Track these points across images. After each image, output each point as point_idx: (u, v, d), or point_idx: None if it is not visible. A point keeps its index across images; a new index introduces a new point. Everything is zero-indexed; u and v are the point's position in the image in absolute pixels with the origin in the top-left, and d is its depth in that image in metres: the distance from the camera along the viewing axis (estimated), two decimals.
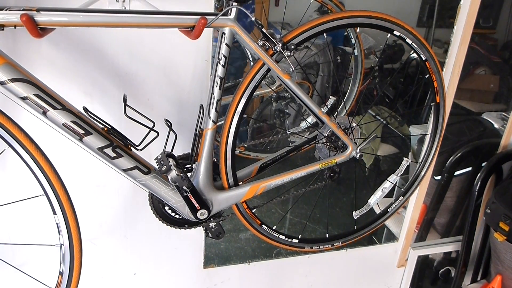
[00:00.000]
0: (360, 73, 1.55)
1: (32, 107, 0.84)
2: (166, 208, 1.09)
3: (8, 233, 1.25)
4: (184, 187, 1.01)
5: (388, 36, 1.14)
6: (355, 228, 1.40)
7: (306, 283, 1.75)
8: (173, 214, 1.11)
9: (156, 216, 1.10)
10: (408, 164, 1.32)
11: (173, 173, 0.98)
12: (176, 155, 1.03)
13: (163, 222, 1.11)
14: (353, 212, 1.33)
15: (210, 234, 1.13)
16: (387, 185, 1.31)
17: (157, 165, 1.00)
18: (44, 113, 0.85)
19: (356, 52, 1.51)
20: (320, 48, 1.91)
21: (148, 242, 1.40)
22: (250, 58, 1.45)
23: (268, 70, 1.02)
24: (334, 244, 1.37)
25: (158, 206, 1.09)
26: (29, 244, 1.24)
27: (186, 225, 1.12)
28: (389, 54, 2.27)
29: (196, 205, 1.05)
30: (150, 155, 1.00)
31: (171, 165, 0.98)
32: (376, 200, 1.32)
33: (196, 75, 1.21)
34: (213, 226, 1.12)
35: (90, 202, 1.26)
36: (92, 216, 1.28)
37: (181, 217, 1.10)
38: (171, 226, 1.11)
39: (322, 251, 1.39)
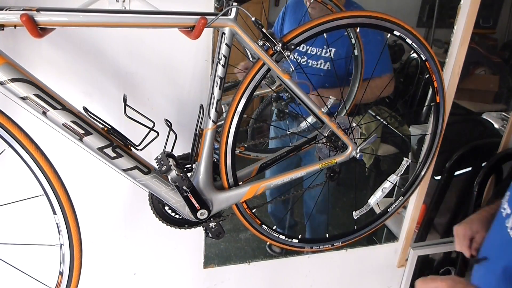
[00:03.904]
0: (360, 73, 1.55)
1: (32, 107, 0.84)
2: (166, 208, 1.09)
3: (8, 233, 1.25)
4: (184, 187, 1.01)
5: (388, 36, 1.14)
6: (355, 228, 1.40)
7: (306, 283, 1.75)
8: (173, 214, 1.11)
9: (156, 216, 1.10)
10: (408, 164, 1.32)
11: (173, 173, 0.98)
12: (176, 155, 1.03)
13: (163, 222, 1.11)
14: (353, 212, 1.33)
15: (210, 234, 1.13)
16: (387, 185, 1.31)
17: (157, 165, 1.00)
18: (44, 113, 0.85)
19: (356, 52, 1.51)
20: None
21: (148, 242, 1.40)
22: (250, 58, 1.45)
23: (268, 70, 1.02)
24: (334, 244, 1.37)
25: (158, 206, 1.09)
26: (29, 244, 1.24)
27: (186, 225, 1.12)
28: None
29: (196, 205, 1.05)
30: (150, 155, 1.00)
31: (171, 165, 0.98)
32: (376, 200, 1.32)
33: (196, 75, 1.21)
34: (213, 226, 1.12)
35: (90, 202, 1.26)
36: (92, 216, 1.28)
37: (181, 217, 1.10)
38: (171, 226, 1.11)
39: (322, 251, 1.39)
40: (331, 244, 1.37)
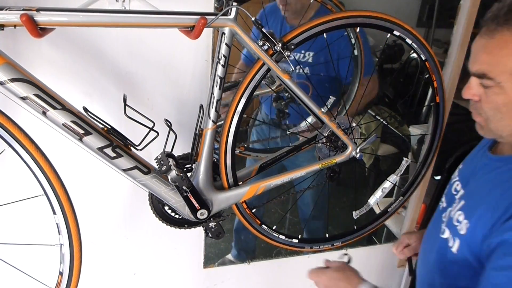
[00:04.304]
0: (360, 73, 1.55)
1: (32, 107, 0.84)
2: (166, 208, 1.09)
3: (8, 233, 1.25)
4: (184, 187, 1.01)
5: (388, 36, 1.14)
6: (355, 228, 1.40)
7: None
8: (173, 214, 1.11)
9: (156, 216, 1.10)
10: (408, 164, 1.32)
11: (173, 173, 0.98)
12: (176, 155, 1.03)
13: (163, 222, 1.11)
14: (353, 212, 1.33)
15: (210, 234, 1.13)
16: (387, 185, 1.31)
17: (157, 165, 1.00)
18: (44, 113, 0.85)
19: (356, 52, 1.51)
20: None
21: (148, 242, 1.40)
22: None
23: (268, 70, 1.02)
24: (334, 244, 1.38)
25: (158, 206, 1.09)
26: (29, 244, 1.24)
27: (186, 225, 1.12)
28: (389, 54, 2.27)
29: (196, 205, 1.05)
30: (150, 155, 1.00)
31: (171, 165, 0.98)
32: (376, 200, 1.32)
33: (196, 75, 1.21)
34: (213, 226, 1.12)
35: (90, 202, 1.27)
36: (92, 216, 1.28)
37: (181, 217, 1.10)
38: (171, 226, 1.11)
39: (322, 251, 1.39)
40: (331, 244, 1.37)
